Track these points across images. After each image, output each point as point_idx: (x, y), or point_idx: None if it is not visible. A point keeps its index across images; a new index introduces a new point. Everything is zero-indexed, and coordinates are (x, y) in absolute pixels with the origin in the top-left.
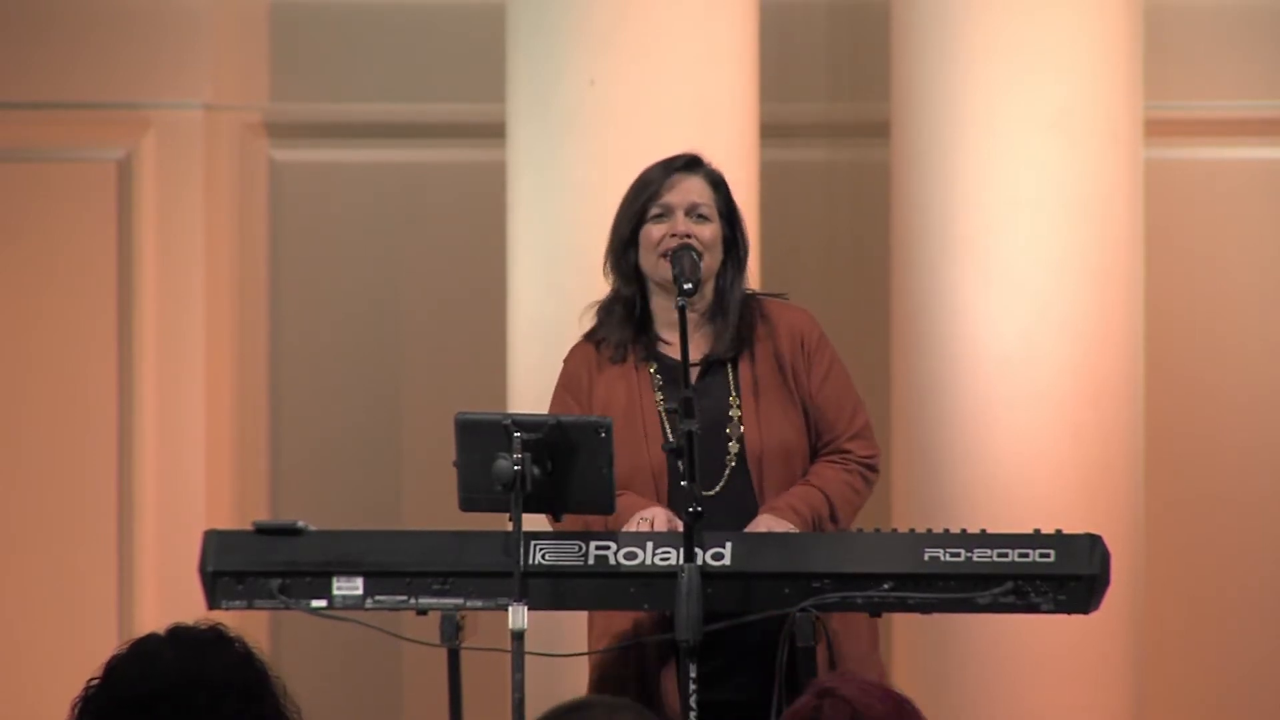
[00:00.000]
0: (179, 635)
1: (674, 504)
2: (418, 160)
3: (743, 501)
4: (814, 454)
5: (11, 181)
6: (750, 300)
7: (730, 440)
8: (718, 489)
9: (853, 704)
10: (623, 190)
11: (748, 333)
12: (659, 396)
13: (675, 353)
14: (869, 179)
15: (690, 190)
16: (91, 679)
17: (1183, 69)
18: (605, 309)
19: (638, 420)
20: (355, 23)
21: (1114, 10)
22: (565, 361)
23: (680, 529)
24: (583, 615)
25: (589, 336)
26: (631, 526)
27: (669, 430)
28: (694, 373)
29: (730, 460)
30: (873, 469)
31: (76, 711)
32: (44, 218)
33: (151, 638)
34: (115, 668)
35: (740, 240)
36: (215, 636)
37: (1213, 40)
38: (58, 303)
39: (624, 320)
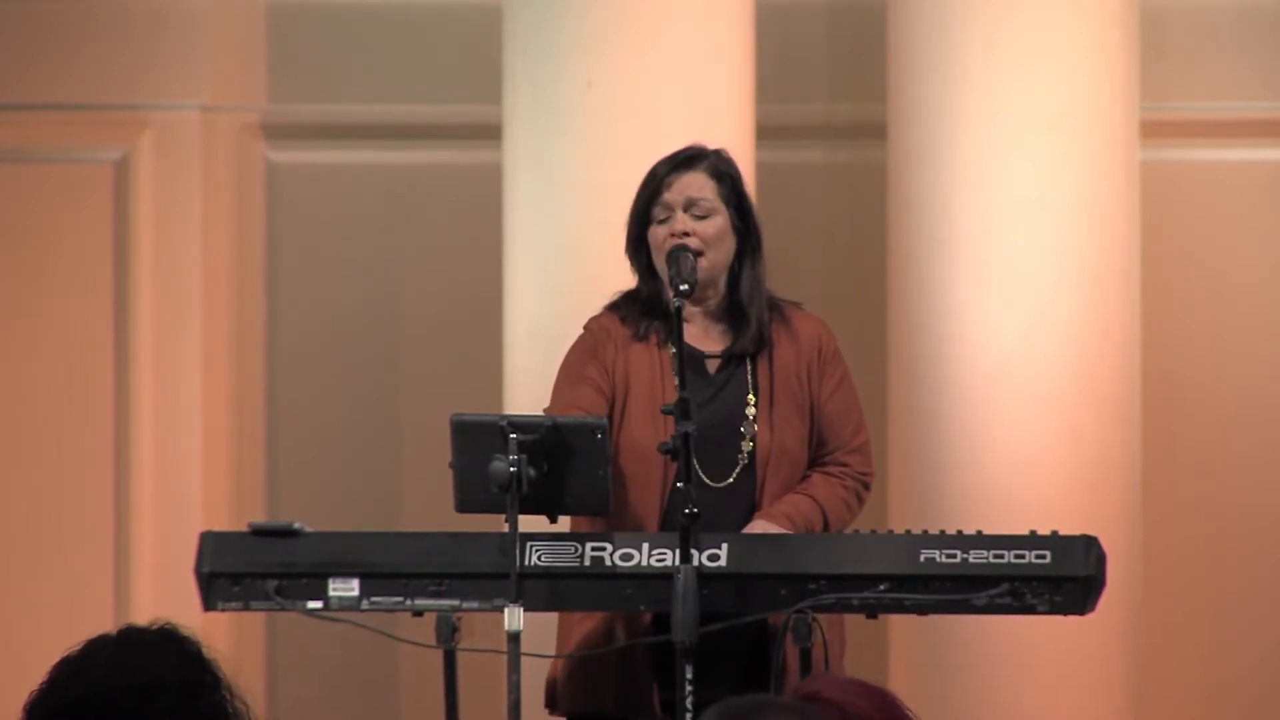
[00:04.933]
0: (125, 636)
1: (675, 497)
2: (415, 161)
3: (749, 497)
4: (812, 463)
5: (9, 182)
6: (770, 300)
7: (744, 439)
8: (728, 483)
9: (839, 706)
10: (620, 190)
11: (767, 333)
12: (677, 380)
13: (696, 340)
14: (866, 180)
15: (688, 187)
16: (41, 682)
17: (1180, 70)
18: (630, 297)
19: (658, 399)
20: (353, 24)
21: (1111, 12)
22: (587, 327)
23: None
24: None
25: (612, 308)
26: None
27: None
28: (713, 365)
29: (743, 458)
30: (867, 487)
31: (25, 714)
32: (41, 219)
33: (99, 640)
34: (57, 671)
35: (752, 229)
36: (161, 637)
37: (1210, 42)
38: (55, 303)
39: (645, 313)
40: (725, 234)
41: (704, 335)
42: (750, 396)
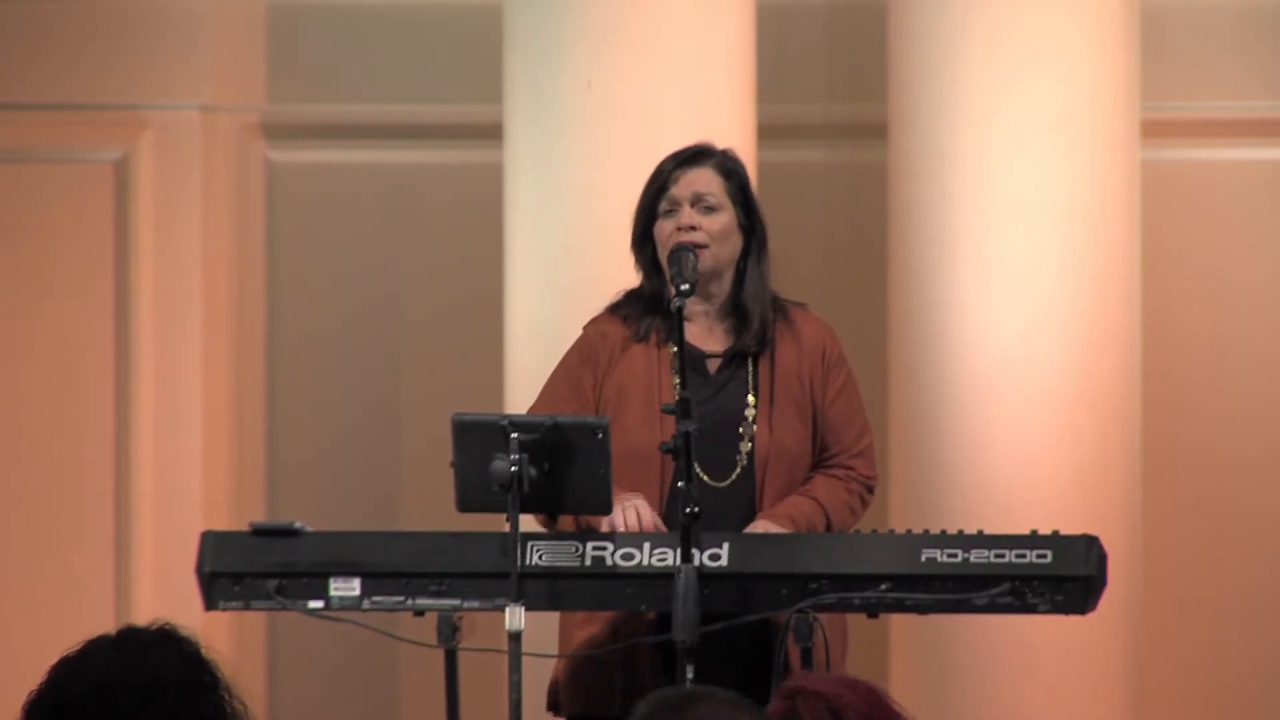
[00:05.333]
0: (124, 637)
1: (674, 498)
2: (415, 161)
3: (749, 499)
4: (815, 466)
5: (9, 183)
6: (774, 300)
7: (743, 439)
8: (728, 483)
9: (826, 697)
10: (620, 190)
11: (771, 332)
12: (676, 380)
13: (698, 340)
14: (866, 180)
15: (695, 181)
16: (41, 681)
17: (1180, 70)
18: (633, 296)
19: (654, 400)
20: (353, 24)
21: (1111, 11)
22: (584, 332)
23: (657, 522)
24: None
25: (614, 310)
26: (616, 515)
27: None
28: (714, 364)
29: (741, 459)
30: (870, 490)
31: (24, 714)
32: (41, 219)
33: (99, 640)
34: (57, 671)
35: (758, 227)
36: (161, 637)
37: (1210, 41)
38: (55, 304)
39: (649, 311)
40: (731, 230)
41: (706, 334)
42: (750, 397)
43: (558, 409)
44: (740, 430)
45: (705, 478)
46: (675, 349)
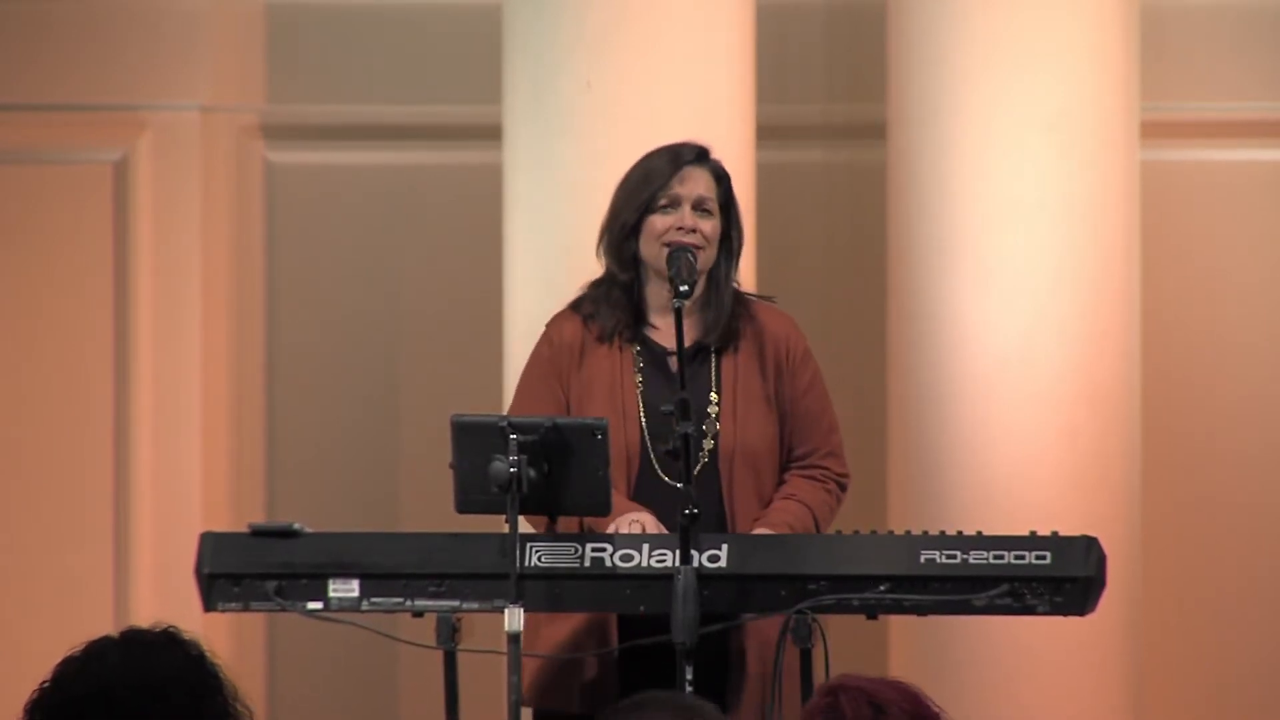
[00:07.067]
0: (129, 638)
1: (642, 486)
2: (414, 162)
3: (710, 497)
4: (784, 463)
5: (8, 183)
6: (737, 297)
7: (705, 436)
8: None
9: (867, 693)
10: None
11: (735, 328)
12: (639, 379)
13: (662, 338)
14: (865, 180)
15: (698, 184)
16: (43, 681)
17: (1179, 70)
18: (599, 292)
19: (617, 400)
20: (352, 24)
21: (1110, 12)
22: (548, 328)
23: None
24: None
25: (575, 308)
26: (623, 528)
27: (644, 411)
28: (676, 362)
29: (704, 455)
30: (844, 489)
31: (26, 713)
32: (40, 220)
33: (103, 640)
34: (61, 670)
35: (735, 233)
36: (165, 639)
37: (1210, 42)
38: (54, 304)
39: (619, 305)
40: (718, 235)
41: (670, 333)
42: (712, 395)
43: (535, 410)
44: (704, 428)
45: (665, 478)
46: (639, 348)
